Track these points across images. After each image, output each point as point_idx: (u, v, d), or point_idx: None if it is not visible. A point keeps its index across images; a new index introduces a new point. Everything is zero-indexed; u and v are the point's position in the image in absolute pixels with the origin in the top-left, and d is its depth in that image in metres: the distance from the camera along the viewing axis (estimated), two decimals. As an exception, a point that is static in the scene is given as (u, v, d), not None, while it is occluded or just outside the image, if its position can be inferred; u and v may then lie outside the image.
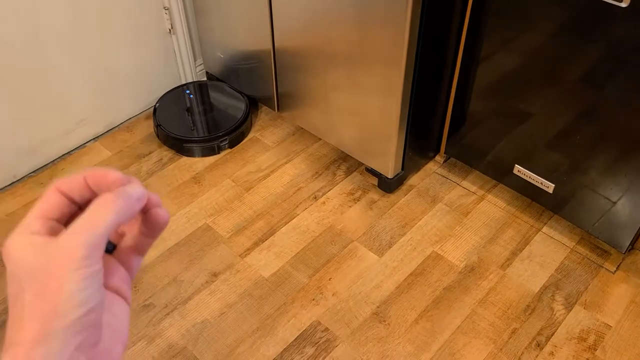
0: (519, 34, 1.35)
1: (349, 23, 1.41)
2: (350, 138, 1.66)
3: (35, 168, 1.78)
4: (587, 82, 1.29)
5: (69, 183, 0.34)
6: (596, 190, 1.40)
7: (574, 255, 1.53)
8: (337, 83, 1.56)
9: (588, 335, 1.36)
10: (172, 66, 2.00)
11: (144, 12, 1.81)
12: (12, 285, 0.30)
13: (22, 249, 0.31)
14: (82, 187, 0.34)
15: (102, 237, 0.30)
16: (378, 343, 1.35)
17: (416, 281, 1.47)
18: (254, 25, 1.68)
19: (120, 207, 0.32)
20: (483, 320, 1.39)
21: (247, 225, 1.62)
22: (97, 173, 0.34)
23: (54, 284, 0.29)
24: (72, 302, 0.29)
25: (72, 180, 0.34)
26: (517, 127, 1.49)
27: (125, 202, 0.32)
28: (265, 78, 1.79)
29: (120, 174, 0.34)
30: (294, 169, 1.78)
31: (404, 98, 1.44)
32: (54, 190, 0.34)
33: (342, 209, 1.66)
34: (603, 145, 1.33)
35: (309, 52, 1.58)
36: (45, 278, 0.29)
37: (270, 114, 1.97)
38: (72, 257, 0.29)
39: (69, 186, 0.33)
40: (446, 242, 1.56)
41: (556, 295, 1.44)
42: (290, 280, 1.48)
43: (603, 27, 1.18)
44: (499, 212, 1.64)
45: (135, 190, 0.33)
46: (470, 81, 1.51)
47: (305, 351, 1.34)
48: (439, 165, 1.79)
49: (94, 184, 0.33)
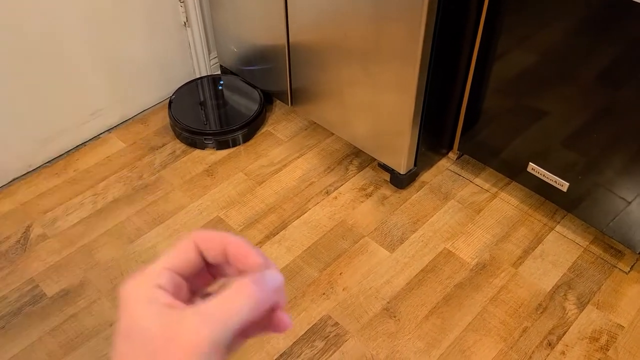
0: (536, 31, 1.34)
1: (364, 18, 1.41)
2: (363, 133, 1.66)
3: (50, 158, 1.80)
4: (605, 80, 1.27)
5: (208, 243, 0.32)
6: (611, 189, 1.39)
7: (587, 255, 1.52)
8: (351, 78, 1.56)
9: (600, 335, 1.35)
10: (187, 59, 2.00)
11: (160, 4, 1.82)
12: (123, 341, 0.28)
13: (147, 311, 0.28)
14: (219, 253, 0.32)
15: (231, 332, 0.28)
16: (388, 338, 1.35)
17: (427, 278, 1.47)
18: (269, 19, 1.68)
19: (257, 300, 0.30)
20: (494, 318, 1.39)
21: (258, 218, 1.62)
22: (239, 249, 0.32)
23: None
24: None
25: (212, 241, 0.32)
26: (532, 125, 1.47)
27: (262, 295, 0.30)
28: (279, 72, 1.79)
29: (261, 257, 0.32)
30: (306, 164, 1.78)
31: (418, 94, 1.43)
32: (191, 245, 0.32)
33: (354, 204, 1.66)
34: (619, 144, 1.32)
35: (323, 47, 1.58)
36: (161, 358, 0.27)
37: (284, 108, 1.98)
38: (195, 347, 0.27)
39: (206, 246, 0.32)
40: (458, 239, 1.56)
41: (568, 295, 1.43)
42: (301, 274, 1.48)
43: (622, 25, 1.17)
44: (512, 210, 1.64)
45: (274, 280, 0.31)
46: (485, 78, 1.50)
47: (315, 345, 1.34)
48: (452, 162, 1.78)
49: (233, 256, 0.32)
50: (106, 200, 1.67)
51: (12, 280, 1.47)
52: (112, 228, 1.60)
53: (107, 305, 1.42)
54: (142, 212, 1.64)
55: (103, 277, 1.48)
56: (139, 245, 1.55)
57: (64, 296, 1.44)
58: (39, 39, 1.59)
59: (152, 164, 1.79)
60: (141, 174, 1.75)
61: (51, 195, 1.69)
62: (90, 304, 1.42)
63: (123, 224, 1.61)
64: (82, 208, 1.65)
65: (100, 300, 1.43)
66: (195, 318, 0.28)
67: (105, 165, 1.78)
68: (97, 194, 1.69)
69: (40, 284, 1.47)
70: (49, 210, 1.65)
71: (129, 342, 0.28)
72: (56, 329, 1.37)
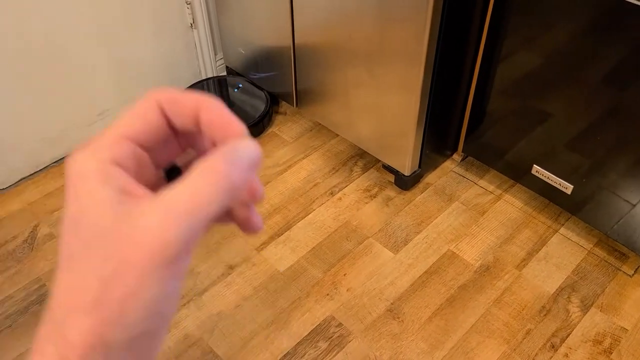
0: (541, 32, 1.34)
1: (369, 19, 1.41)
2: (368, 134, 1.67)
3: (57, 158, 1.81)
4: (610, 82, 1.27)
5: (176, 106, 0.25)
6: (615, 192, 1.39)
7: (591, 258, 1.52)
8: (356, 79, 1.56)
9: (604, 338, 1.35)
10: (193, 60, 2.01)
11: (167, 6, 1.83)
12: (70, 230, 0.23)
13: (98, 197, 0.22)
14: (189, 119, 0.26)
15: (202, 225, 0.23)
16: (391, 340, 1.36)
17: (431, 279, 1.48)
18: (275, 20, 1.69)
19: (232, 183, 0.23)
20: (497, 320, 1.39)
21: (263, 219, 1.62)
22: (218, 115, 0.25)
23: (127, 278, 0.22)
24: (146, 311, 0.22)
25: (181, 104, 0.25)
26: (536, 127, 1.48)
27: (238, 176, 0.23)
28: (285, 74, 1.80)
29: (243, 127, 0.25)
30: (311, 165, 1.79)
31: (422, 95, 1.44)
32: (153, 106, 0.25)
33: (359, 205, 1.66)
34: (624, 146, 1.32)
35: (328, 48, 1.59)
36: (116, 262, 0.22)
37: (289, 110, 1.98)
38: (160, 249, 0.22)
39: (174, 109, 0.26)
40: (462, 241, 1.56)
41: (572, 297, 1.43)
42: (305, 275, 1.49)
43: (626, 27, 1.17)
44: (516, 212, 1.64)
45: (250, 155, 0.24)
46: (490, 79, 1.51)
47: (318, 345, 1.35)
48: (456, 164, 1.78)
49: (208, 123, 0.26)
50: (112, 200, 1.69)
51: (19, 279, 1.49)
52: (118, 228, 1.61)
53: (113, 304, 1.43)
54: (148, 212, 1.65)
55: (109, 277, 1.49)
56: (145, 245, 1.56)
57: (71, 295, 1.45)
58: (46, 40, 1.60)
59: (158, 165, 1.80)
60: (147, 174, 1.76)
61: (58, 195, 1.71)
62: (96, 303, 1.43)
63: (129, 224, 1.62)
64: (89, 208, 1.67)
65: (106, 300, 1.44)
66: (158, 212, 0.22)
67: (111, 166, 1.80)
68: (104, 194, 1.71)
69: (47, 283, 1.48)
70: (56, 210, 1.67)
71: (77, 235, 0.23)
72: (62, 328, 1.39)
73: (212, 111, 0.25)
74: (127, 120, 0.25)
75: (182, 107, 0.25)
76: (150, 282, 0.22)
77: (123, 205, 0.22)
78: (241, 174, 0.23)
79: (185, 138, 0.28)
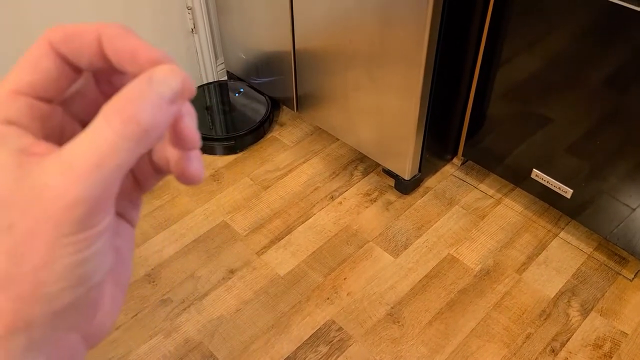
0: (540, 37, 1.35)
1: (369, 23, 1.42)
2: (368, 139, 1.67)
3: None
4: (609, 86, 1.28)
5: (73, 42, 0.21)
6: (615, 196, 1.39)
7: (591, 262, 1.52)
8: (356, 84, 1.57)
9: (604, 342, 1.36)
10: (194, 65, 2.02)
11: (168, 11, 1.84)
12: None
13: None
14: (94, 53, 0.22)
15: (113, 177, 0.19)
16: (392, 344, 1.36)
17: (431, 283, 1.48)
18: (275, 25, 1.70)
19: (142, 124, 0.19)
20: (497, 324, 1.39)
21: (264, 223, 1.63)
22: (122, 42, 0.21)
23: (35, 248, 0.19)
24: (64, 281, 0.19)
25: (79, 38, 0.21)
26: (536, 131, 1.48)
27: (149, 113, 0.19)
28: (285, 78, 1.81)
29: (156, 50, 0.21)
30: (311, 169, 1.80)
31: (422, 99, 1.44)
32: (45, 48, 0.21)
33: (359, 209, 1.67)
34: (624, 150, 1.32)
35: (328, 53, 1.59)
36: (21, 232, 0.19)
37: (290, 114, 1.99)
38: (66, 211, 0.19)
39: (72, 47, 0.21)
40: (462, 245, 1.56)
41: (572, 301, 1.43)
42: (305, 279, 1.49)
43: (626, 31, 1.17)
44: (516, 216, 1.64)
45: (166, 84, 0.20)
46: (489, 83, 1.51)
47: (319, 350, 1.35)
48: (456, 168, 1.79)
49: (114, 54, 0.21)
50: (113, 205, 1.69)
51: (21, 283, 1.49)
52: (119, 232, 1.61)
53: (114, 308, 1.44)
54: (149, 217, 1.65)
55: (110, 281, 1.49)
56: (145, 250, 1.57)
57: (71, 299, 1.45)
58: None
59: (159, 169, 1.80)
60: (148, 179, 1.77)
61: None
62: (97, 308, 1.44)
63: (130, 228, 1.62)
64: (90, 212, 1.67)
65: (106, 304, 1.44)
66: (58, 170, 0.19)
67: (112, 170, 1.80)
68: (105, 198, 1.71)
69: None
70: None
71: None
72: (63, 332, 1.39)
73: (114, 39, 0.21)
74: (17, 73, 0.21)
75: (80, 43, 0.21)
76: (61, 250, 0.19)
77: (23, 168, 0.19)
78: (152, 111, 0.19)
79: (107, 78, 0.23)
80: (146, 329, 1.39)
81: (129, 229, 0.25)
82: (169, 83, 0.20)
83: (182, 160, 0.23)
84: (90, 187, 0.19)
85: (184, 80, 0.20)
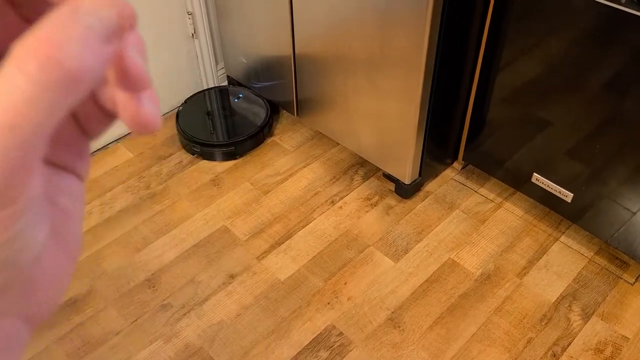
0: (540, 41, 1.35)
1: (369, 28, 1.42)
2: (368, 143, 1.67)
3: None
4: (609, 90, 1.28)
5: None
6: (616, 200, 1.39)
7: (592, 266, 1.52)
8: (357, 88, 1.57)
9: (605, 346, 1.35)
10: (194, 70, 2.03)
11: (168, 16, 1.85)
12: None
13: None
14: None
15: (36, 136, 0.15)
16: (392, 349, 1.35)
17: (432, 288, 1.47)
18: (275, 30, 1.70)
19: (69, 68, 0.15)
20: (498, 329, 1.39)
21: (264, 228, 1.63)
22: None
23: None
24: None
25: None
26: (536, 135, 1.48)
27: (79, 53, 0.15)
28: (285, 83, 1.81)
29: None
30: (311, 173, 1.80)
31: (422, 104, 1.44)
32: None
33: (359, 213, 1.67)
34: (624, 154, 1.32)
35: (329, 58, 1.60)
36: None
37: (290, 118, 1.99)
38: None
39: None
40: (462, 250, 1.56)
41: (573, 306, 1.43)
42: (306, 284, 1.49)
43: (626, 35, 1.18)
44: (517, 220, 1.64)
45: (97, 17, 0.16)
46: (489, 87, 1.51)
47: (319, 355, 1.35)
48: (457, 172, 1.79)
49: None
50: (113, 210, 1.69)
51: None
52: (119, 237, 1.62)
53: (114, 314, 1.43)
54: (149, 222, 1.65)
55: (110, 286, 1.49)
56: (146, 255, 1.57)
57: (72, 305, 1.45)
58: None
59: (159, 174, 1.80)
60: (148, 184, 1.77)
61: None
62: (97, 313, 1.44)
63: (130, 233, 1.62)
64: (90, 217, 1.67)
65: (106, 309, 1.44)
66: None
67: (112, 175, 1.81)
68: (105, 204, 1.71)
69: None
70: None
71: None
72: (63, 338, 1.39)
73: None
74: None
75: None
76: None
77: None
78: (79, 50, 0.15)
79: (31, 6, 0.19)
80: (146, 334, 1.39)
81: (75, 183, 0.21)
82: (100, 13, 0.15)
83: (132, 103, 0.18)
84: (6, 152, 0.14)
85: (121, 8, 0.16)
